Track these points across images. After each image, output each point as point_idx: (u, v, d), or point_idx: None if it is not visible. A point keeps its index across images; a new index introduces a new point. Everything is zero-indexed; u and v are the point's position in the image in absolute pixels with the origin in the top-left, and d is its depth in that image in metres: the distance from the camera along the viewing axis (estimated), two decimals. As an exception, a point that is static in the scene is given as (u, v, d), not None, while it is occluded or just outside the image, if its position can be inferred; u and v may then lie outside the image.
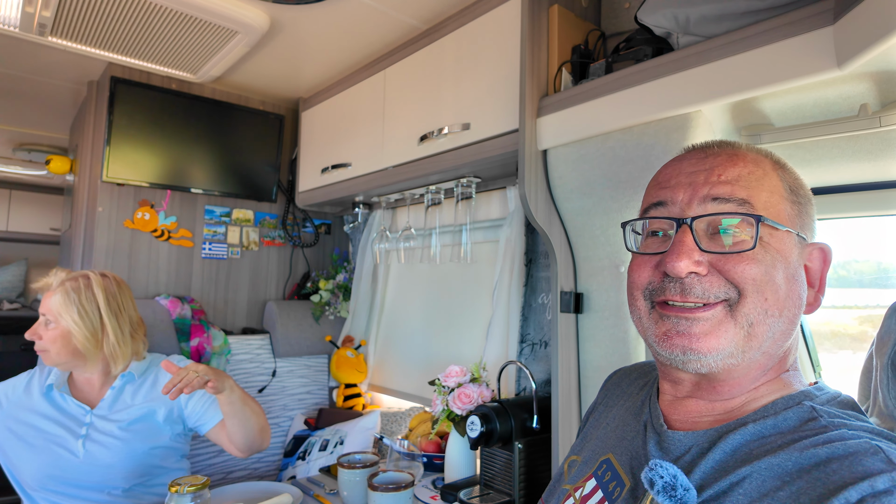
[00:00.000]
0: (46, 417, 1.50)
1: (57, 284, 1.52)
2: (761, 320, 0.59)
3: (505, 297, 1.64)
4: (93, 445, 1.48)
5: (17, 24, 1.60)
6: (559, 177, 1.26)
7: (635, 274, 0.67)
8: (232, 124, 2.23)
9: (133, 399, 1.58)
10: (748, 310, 0.59)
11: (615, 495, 0.65)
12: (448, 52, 1.57)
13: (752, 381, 0.62)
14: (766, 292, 0.59)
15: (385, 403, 2.29)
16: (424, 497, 1.47)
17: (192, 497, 1.05)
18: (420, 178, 1.67)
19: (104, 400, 1.56)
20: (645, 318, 0.65)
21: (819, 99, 0.91)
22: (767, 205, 0.61)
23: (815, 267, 0.64)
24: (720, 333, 0.59)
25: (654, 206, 0.66)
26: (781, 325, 0.60)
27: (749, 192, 0.61)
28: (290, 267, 2.50)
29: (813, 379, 0.72)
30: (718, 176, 0.62)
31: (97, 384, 1.59)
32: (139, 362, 1.63)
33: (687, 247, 0.60)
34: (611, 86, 1.11)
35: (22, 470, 1.45)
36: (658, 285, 0.63)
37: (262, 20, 1.61)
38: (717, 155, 0.65)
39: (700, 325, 0.59)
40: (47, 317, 1.49)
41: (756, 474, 0.53)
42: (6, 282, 4.18)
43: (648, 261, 0.65)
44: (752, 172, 0.62)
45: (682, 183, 0.64)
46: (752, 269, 0.59)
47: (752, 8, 0.90)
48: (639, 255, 0.67)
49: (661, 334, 0.62)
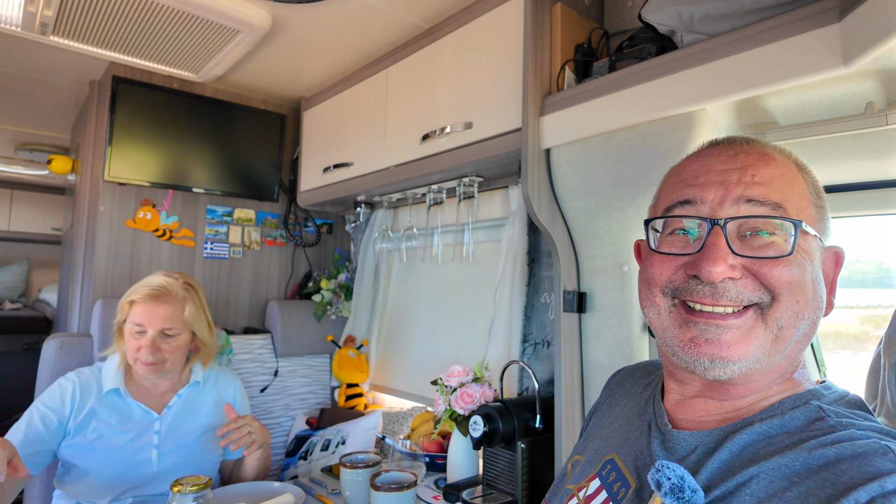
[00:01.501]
0: (111, 425, 1.44)
1: (182, 293, 1.51)
2: (791, 324, 0.58)
3: (507, 297, 1.64)
4: (167, 454, 1.47)
5: (19, 23, 1.60)
6: (562, 176, 1.26)
7: (655, 271, 0.64)
8: (233, 124, 2.23)
9: (200, 408, 1.58)
10: (780, 313, 0.57)
11: (620, 496, 0.64)
12: (450, 51, 1.56)
13: (768, 384, 0.61)
14: (797, 295, 0.58)
15: (387, 403, 2.29)
16: (427, 497, 1.47)
17: (194, 497, 1.05)
18: (422, 177, 1.67)
19: (170, 407, 1.53)
20: (665, 315, 0.63)
21: (824, 97, 0.91)
22: (799, 208, 0.60)
23: (829, 270, 0.64)
24: (750, 340, 0.58)
25: (679, 204, 0.63)
26: (806, 327, 0.59)
27: (783, 196, 0.59)
28: (291, 266, 2.50)
29: (819, 378, 0.71)
30: (752, 176, 0.60)
31: (163, 389, 1.56)
32: (205, 369, 1.65)
33: (721, 250, 0.57)
34: (614, 84, 1.11)
35: (90, 480, 1.40)
36: (682, 285, 0.61)
37: (263, 19, 1.61)
38: (748, 153, 0.62)
39: (731, 333, 0.58)
40: (174, 328, 1.47)
41: (763, 474, 0.52)
42: (8, 282, 4.18)
43: (671, 260, 0.63)
44: (783, 175, 0.61)
45: (713, 181, 0.61)
46: (788, 272, 0.57)
47: (756, 5, 0.90)
48: (658, 255, 0.64)
49: (686, 340, 0.60)
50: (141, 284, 1.51)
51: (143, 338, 1.45)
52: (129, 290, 1.52)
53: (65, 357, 1.80)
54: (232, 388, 1.69)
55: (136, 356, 1.46)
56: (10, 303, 4.01)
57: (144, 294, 1.46)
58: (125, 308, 1.49)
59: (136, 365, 1.47)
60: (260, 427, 1.49)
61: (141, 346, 1.45)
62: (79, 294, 2.04)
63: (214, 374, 1.68)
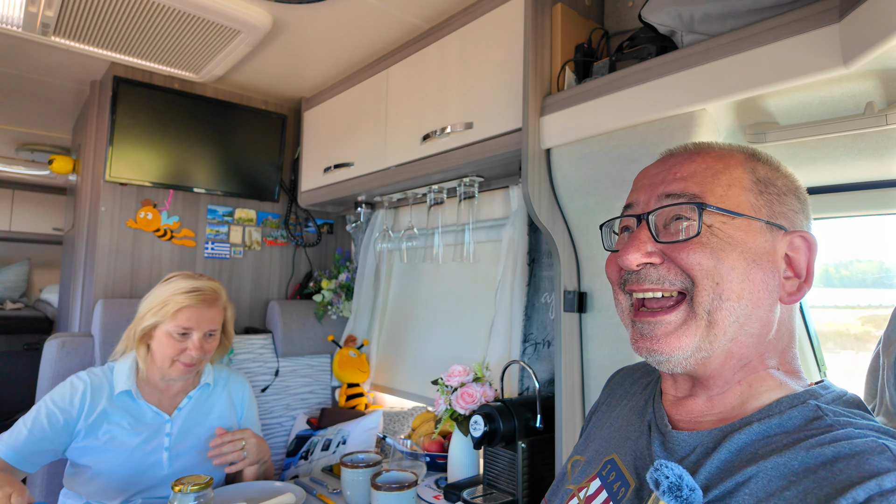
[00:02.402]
0: (123, 427, 1.44)
1: (224, 295, 1.57)
2: (718, 306, 0.60)
3: (508, 297, 1.64)
4: (178, 457, 1.48)
5: (21, 23, 1.60)
6: (563, 176, 1.26)
7: (608, 271, 0.72)
8: (234, 124, 2.23)
9: (211, 410, 1.59)
10: (702, 298, 0.60)
11: (620, 495, 0.64)
12: (451, 52, 1.57)
13: (731, 372, 0.63)
14: (715, 277, 0.60)
15: (388, 403, 2.29)
16: (428, 496, 1.47)
17: (195, 496, 1.06)
18: (422, 177, 1.67)
19: (181, 409, 1.53)
20: (626, 315, 0.69)
21: (824, 97, 0.91)
22: (724, 197, 0.63)
23: (799, 256, 0.64)
24: (682, 333, 0.61)
25: (626, 208, 0.72)
26: (744, 309, 0.60)
27: (702, 188, 0.63)
28: (292, 266, 2.50)
29: (818, 378, 0.72)
30: (674, 174, 0.66)
31: (175, 390, 1.56)
32: (214, 371, 1.67)
33: (639, 240, 0.64)
34: (614, 84, 1.11)
35: (101, 482, 1.40)
36: (626, 277, 0.68)
37: (264, 19, 1.61)
38: (678, 156, 0.69)
39: (662, 328, 0.63)
40: (217, 328, 1.53)
41: (762, 474, 0.53)
42: (9, 281, 4.19)
43: (615, 256, 0.71)
44: (709, 167, 0.65)
45: (645, 185, 0.69)
46: (698, 255, 0.61)
47: (756, 6, 0.90)
48: (609, 253, 0.73)
49: (635, 338, 0.66)
50: (180, 290, 1.48)
51: (186, 340, 1.47)
52: (159, 297, 1.49)
53: (66, 357, 1.80)
54: (242, 391, 1.70)
55: (178, 358, 1.47)
56: (12, 303, 4.02)
57: (198, 299, 1.47)
58: (167, 314, 1.46)
59: (173, 367, 1.48)
60: (256, 443, 1.48)
61: (185, 347, 1.46)
62: (80, 294, 2.05)
63: (224, 375, 1.69)
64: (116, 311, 1.88)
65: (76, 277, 2.12)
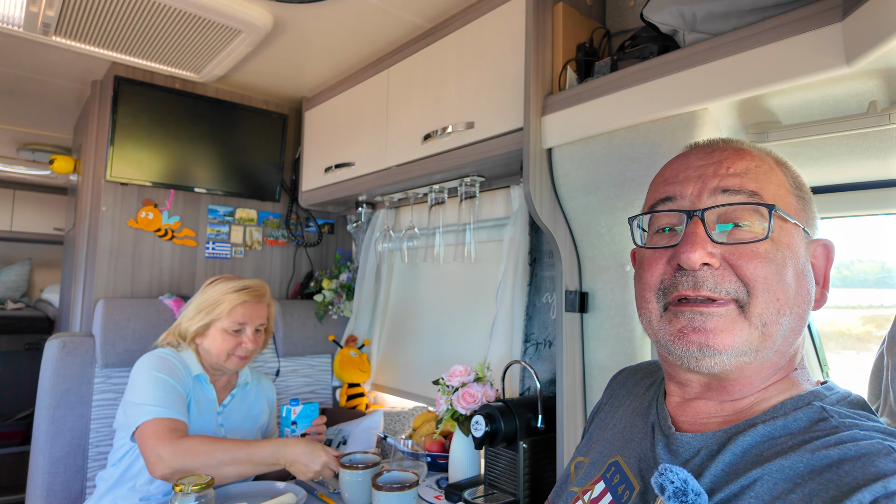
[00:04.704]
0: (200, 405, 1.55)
1: (268, 292, 1.68)
2: (774, 320, 0.58)
3: (509, 297, 1.63)
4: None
5: (21, 23, 1.60)
6: (564, 175, 1.26)
7: (647, 272, 0.65)
8: (235, 124, 2.23)
9: (251, 407, 1.71)
10: (760, 310, 0.58)
11: (625, 498, 0.64)
12: (452, 51, 1.56)
13: (763, 381, 0.61)
14: (777, 292, 0.58)
15: (388, 403, 2.29)
16: (429, 497, 1.47)
17: (196, 496, 1.05)
18: (423, 177, 1.67)
19: (226, 404, 1.64)
20: (656, 321, 0.64)
21: (827, 96, 0.90)
22: (776, 197, 0.61)
23: (819, 263, 0.64)
24: (735, 331, 0.58)
25: (661, 201, 0.65)
26: (792, 322, 0.59)
27: (758, 185, 0.61)
28: (293, 266, 2.50)
29: (821, 378, 0.71)
30: (727, 168, 0.62)
31: (222, 384, 1.66)
32: (247, 369, 1.75)
33: (700, 237, 0.59)
34: (616, 84, 1.11)
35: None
36: (670, 281, 0.62)
37: (265, 19, 1.61)
38: (723, 150, 0.65)
39: (715, 321, 0.58)
40: (265, 322, 1.64)
41: (767, 476, 0.52)
42: (10, 281, 4.19)
43: (660, 256, 0.64)
44: (759, 166, 0.63)
45: (691, 177, 0.63)
46: (763, 268, 0.58)
47: (759, 5, 0.89)
48: (650, 252, 0.65)
49: (675, 332, 0.60)
50: (231, 289, 1.59)
51: (240, 335, 1.58)
52: (210, 298, 1.58)
53: (67, 357, 1.80)
54: (271, 392, 1.82)
55: (234, 352, 1.57)
56: (13, 303, 4.02)
57: (250, 295, 1.59)
58: (223, 312, 1.56)
59: (229, 360, 1.57)
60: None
61: (241, 341, 1.57)
62: (81, 294, 2.05)
63: (255, 376, 1.79)
64: (117, 310, 1.88)
65: (77, 277, 2.11)
